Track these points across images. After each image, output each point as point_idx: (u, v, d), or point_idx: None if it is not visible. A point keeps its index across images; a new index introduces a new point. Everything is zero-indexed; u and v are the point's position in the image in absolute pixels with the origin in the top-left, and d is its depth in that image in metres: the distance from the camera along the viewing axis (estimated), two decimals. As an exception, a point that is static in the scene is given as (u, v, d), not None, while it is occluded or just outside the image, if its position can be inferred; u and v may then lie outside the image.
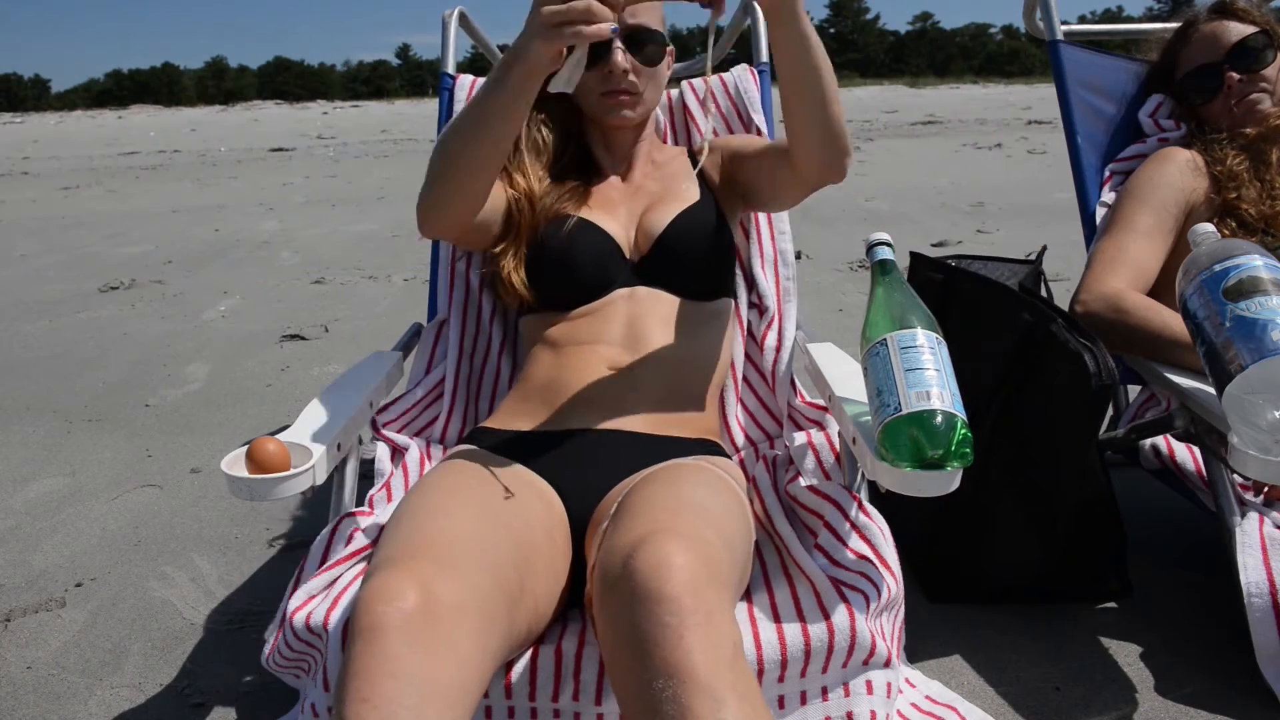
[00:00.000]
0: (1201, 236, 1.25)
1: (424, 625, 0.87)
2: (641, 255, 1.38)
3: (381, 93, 67.68)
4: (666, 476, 1.10)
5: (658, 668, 0.83)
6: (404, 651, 0.85)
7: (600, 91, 1.40)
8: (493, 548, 1.01)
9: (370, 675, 0.83)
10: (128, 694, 1.41)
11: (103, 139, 18.00)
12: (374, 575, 0.91)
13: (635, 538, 0.92)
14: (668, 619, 0.84)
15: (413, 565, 0.91)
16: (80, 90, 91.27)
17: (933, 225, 5.55)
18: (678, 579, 0.87)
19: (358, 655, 0.85)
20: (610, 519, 1.05)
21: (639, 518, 0.98)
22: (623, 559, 0.90)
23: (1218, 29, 1.71)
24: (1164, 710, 1.30)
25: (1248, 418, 1.10)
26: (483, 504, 1.09)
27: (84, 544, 1.93)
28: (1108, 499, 1.47)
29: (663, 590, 0.86)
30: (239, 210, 7.39)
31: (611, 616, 0.89)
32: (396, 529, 1.03)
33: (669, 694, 0.82)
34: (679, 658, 0.83)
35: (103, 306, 4.21)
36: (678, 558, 0.89)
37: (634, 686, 0.85)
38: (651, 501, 1.02)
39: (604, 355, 1.31)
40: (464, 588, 0.92)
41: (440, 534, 0.99)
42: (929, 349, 1.05)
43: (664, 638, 0.84)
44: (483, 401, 1.57)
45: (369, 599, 0.88)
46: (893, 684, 1.12)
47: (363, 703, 0.82)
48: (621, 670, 0.88)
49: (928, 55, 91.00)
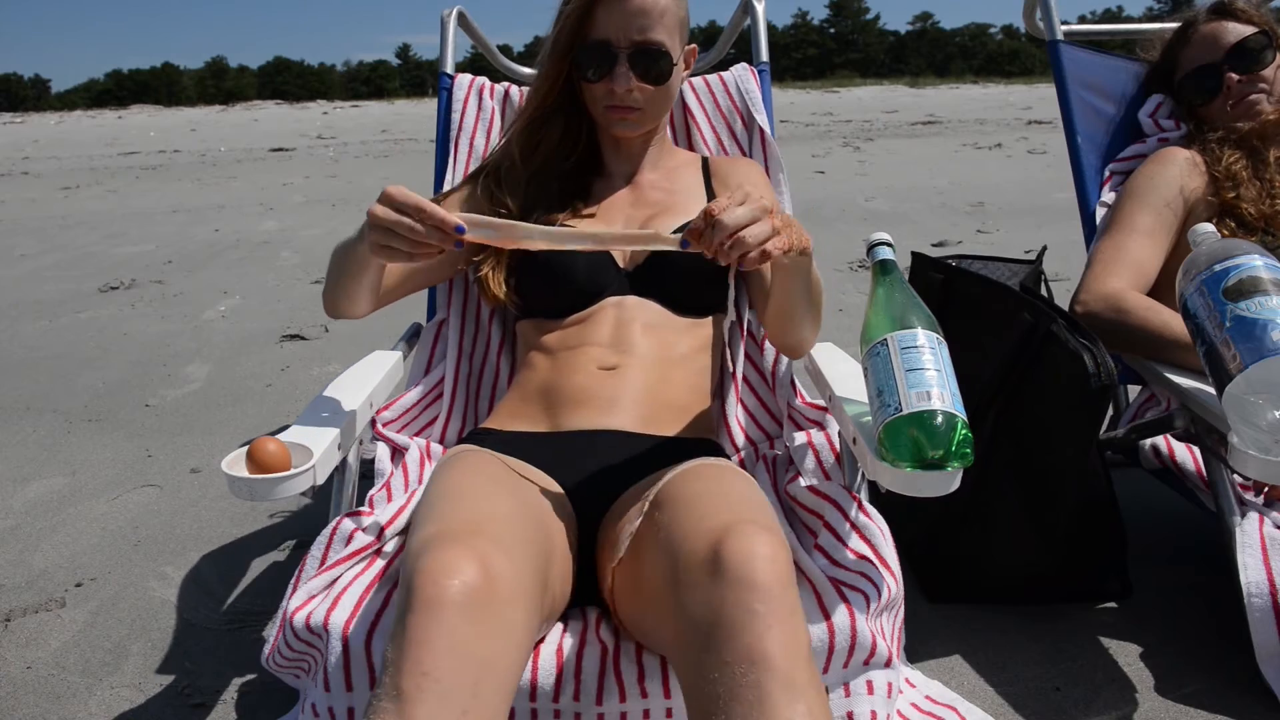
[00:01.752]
0: (1201, 236, 1.25)
1: (485, 603, 0.87)
2: (635, 266, 1.39)
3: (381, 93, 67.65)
4: (710, 474, 1.10)
5: (742, 654, 0.83)
6: (464, 628, 0.85)
7: (604, 105, 1.39)
8: (533, 534, 1.02)
9: (433, 648, 0.83)
10: (128, 694, 1.41)
11: (103, 139, 18.00)
12: (430, 550, 0.90)
13: (721, 525, 0.92)
14: (758, 607, 0.85)
15: (473, 542, 0.91)
16: (80, 90, 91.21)
17: (933, 225, 5.54)
18: (770, 569, 0.88)
19: (418, 626, 0.84)
20: (652, 514, 1.04)
21: (713, 508, 0.98)
22: (710, 545, 0.90)
23: (1217, 29, 1.71)
24: (1164, 710, 1.31)
25: (1248, 418, 1.10)
26: (512, 491, 1.09)
27: (84, 544, 1.93)
28: (1108, 499, 1.47)
29: (755, 579, 0.86)
30: (239, 210, 7.38)
31: (692, 601, 0.89)
32: (439, 506, 1.03)
33: (750, 680, 0.82)
34: (766, 645, 0.83)
35: (103, 306, 4.21)
36: (767, 549, 0.89)
37: (709, 671, 0.84)
38: (717, 495, 1.02)
39: (594, 356, 1.32)
40: (517, 569, 0.92)
41: (491, 514, 1.00)
42: (929, 349, 1.05)
43: (752, 624, 0.84)
44: (482, 401, 1.58)
45: (430, 570, 0.87)
46: (893, 684, 1.12)
47: (423, 676, 0.81)
48: (694, 654, 0.87)
49: (928, 55, 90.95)
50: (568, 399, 1.29)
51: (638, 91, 1.36)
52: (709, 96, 1.78)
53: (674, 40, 1.37)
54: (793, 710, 0.80)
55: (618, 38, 1.33)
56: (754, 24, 1.91)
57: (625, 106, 1.38)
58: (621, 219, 1.44)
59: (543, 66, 1.41)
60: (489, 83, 1.85)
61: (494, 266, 1.41)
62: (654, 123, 1.45)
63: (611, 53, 1.34)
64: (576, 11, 1.33)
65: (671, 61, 1.37)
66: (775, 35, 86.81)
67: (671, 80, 1.39)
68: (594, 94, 1.39)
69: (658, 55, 1.35)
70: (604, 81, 1.36)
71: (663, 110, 1.44)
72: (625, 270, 1.39)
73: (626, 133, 1.43)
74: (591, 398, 1.28)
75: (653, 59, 1.35)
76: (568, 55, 1.37)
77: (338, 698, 1.04)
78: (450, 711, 0.80)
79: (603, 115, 1.41)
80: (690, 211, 1.42)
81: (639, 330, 1.34)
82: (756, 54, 1.89)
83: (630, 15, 1.32)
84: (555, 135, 1.44)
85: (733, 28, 2.09)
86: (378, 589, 1.11)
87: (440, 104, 1.84)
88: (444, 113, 1.83)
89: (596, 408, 1.27)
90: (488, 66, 2.13)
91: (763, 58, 1.88)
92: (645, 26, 1.33)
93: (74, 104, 61.58)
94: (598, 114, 1.42)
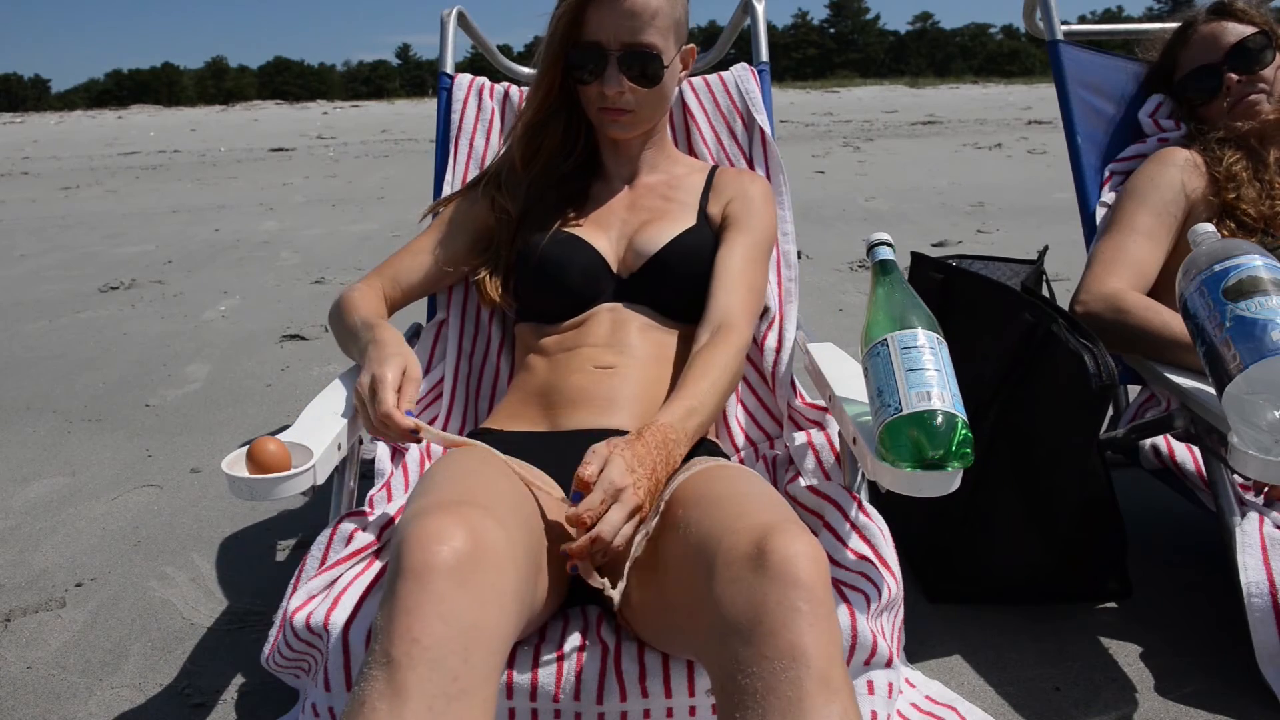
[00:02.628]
0: (1201, 236, 1.25)
1: (474, 569, 0.87)
2: (630, 273, 1.39)
3: (381, 93, 67.64)
4: (730, 475, 1.09)
5: (782, 649, 0.83)
6: (454, 593, 0.85)
7: (598, 107, 1.39)
8: (528, 510, 1.03)
9: (422, 614, 0.83)
10: (128, 694, 1.41)
11: (103, 139, 18.00)
12: (420, 518, 0.90)
13: (764, 523, 0.92)
14: (801, 604, 0.85)
15: (462, 510, 0.91)
16: (80, 90, 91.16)
17: (933, 225, 5.54)
18: (815, 569, 0.88)
19: (407, 593, 0.84)
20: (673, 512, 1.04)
21: (752, 507, 0.97)
22: (755, 541, 0.90)
23: (1217, 30, 1.71)
24: (1164, 710, 1.31)
25: (1248, 418, 1.10)
26: (509, 475, 1.10)
27: (84, 544, 1.93)
28: (1108, 499, 1.47)
29: (799, 577, 0.86)
30: (239, 210, 7.38)
31: (733, 596, 0.88)
32: (433, 482, 1.03)
33: (790, 676, 0.82)
34: (807, 643, 0.83)
35: (103, 306, 4.21)
36: (811, 549, 0.89)
37: (748, 665, 0.84)
38: (743, 495, 1.02)
39: (591, 356, 1.32)
40: (509, 537, 0.92)
41: (483, 488, 1.01)
42: (929, 349, 1.05)
43: (795, 621, 0.84)
44: (482, 401, 1.58)
45: (419, 537, 0.87)
46: (893, 684, 1.12)
47: (413, 642, 0.81)
48: (732, 648, 0.86)
49: (928, 55, 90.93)
50: (566, 399, 1.29)
51: (629, 93, 1.36)
52: (709, 96, 1.78)
53: (667, 42, 1.36)
54: (829, 709, 0.80)
55: (608, 39, 1.33)
56: (754, 24, 1.91)
57: (618, 108, 1.38)
58: (616, 223, 1.44)
59: (539, 69, 1.41)
60: (489, 83, 1.85)
61: (490, 271, 1.44)
62: (648, 124, 1.45)
63: (602, 54, 1.34)
64: (568, 14, 1.34)
65: (663, 64, 1.36)
66: (775, 35, 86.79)
67: (665, 82, 1.39)
68: (588, 96, 1.39)
69: (648, 57, 1.34)
70: (596, 83, 1.36)
71: (657, 112, 1.44)
72: (619, 276, 1.39)
73: (621, 134, 1.43)
74: (590, 397, 1.28)
75: (644, 61, 1.34)
76: (561, 57, 1.37)
77: (338, 697, 1.04)
78: (441, 678, 0.80)
79: (597, 117, 1.42)
80: (681, 222, 1.42)
81: (635, 330, 1.35)
82: (756, 54, 1.89)
83: (621, 17, 1.32)
84: (555, 138, 1.44)
85: (733, 28, 2.09)
86: (378, 589, 1.11)
87: (440, 104, 1.84)
88: (444, 113, 1.83)
89: (595, 407, 1.28)
90: (488, 66, 2.13)
91: (763, 58, 1.88)
92: (636, 29, 1.32)
93: (74, 104, 61.59)
94: (593, 115, 1.42)
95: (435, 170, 1.80)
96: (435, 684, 0.80)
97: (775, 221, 1.50)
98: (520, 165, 1.45)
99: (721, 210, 1.45)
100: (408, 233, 6.00)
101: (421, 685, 0.80)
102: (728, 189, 1.48)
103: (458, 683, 0.81)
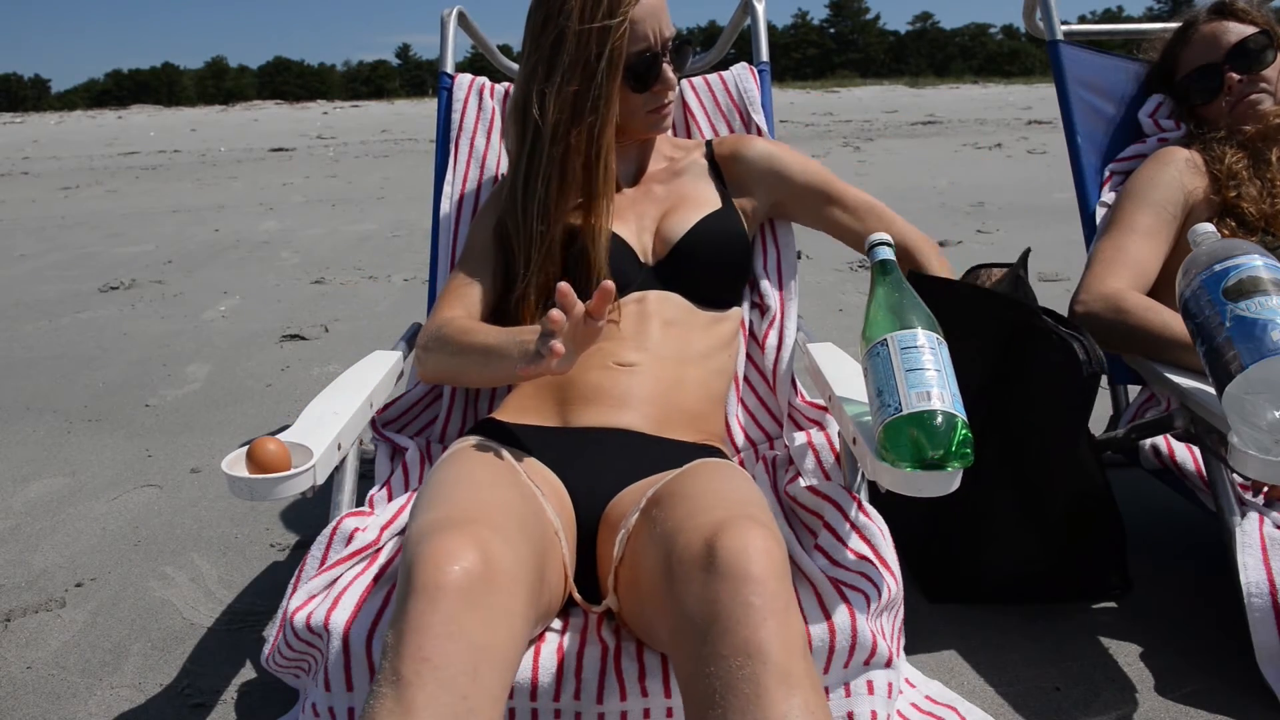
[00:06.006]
0: (1201, 236, 1.25)
1: (484, 590, 0.87)
2: (659, 260, 1.39)
3: (381, 93, 67.59)
4: (708, 472, 1.10)
5: (738, 646, 0.83)
6: (464, 614, 0.85)
7: (648, 109, 1.40)
8: (532, 524, 1.03)
9: (433, 633, 0.83)
10: (128, 694, 1.41)
11: (103, 139, 17.99)
12: (431, 537, 0.90)
13: (716, 520, 0.92)
14: (754, 600, 0.85)
15: (473, 529, 0.91)
16: (80, 90, 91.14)
17: (933, 225, 5.54)
18: (765, 563, 0.88)
19: (418, 612, 0.84)
20: (649, 511, 1.04)
21: (709, 504, 0.98)
22: (705, 539, 0.90)
23: (1217, 29, 1.71)
24: (1164, 710, 1.31)
25: (1248, 418, 1.10)
26: (513, 483, 1.10)
27: (84, 544, 1.93)
28: (1103, 491, 1.47)
29: (750, 571, 0.87)
30: (239, 210, 7.38)
31: (687, 595, 0.89)
32: (440, 493, 1.03)
33: (746, 673, 0.82)
34: (762, 638, 0.83)
35: (103, 306, 4.21)
36: (762, 543, 0.89)
37: (706, 664, 0.85)
38: (712, 493, 1.02)
39: (611, 352, 1.31)
40: (517, 558, 0.93)
41: (491, 502, 1.00)
42: (929, 349, 1.05)
43: (748, 617, 0.84)
44: (482, 401, 1.57)
45: (430, 556, 0.88)
46: (893, 684, 1.12)
47: (423, 661, 0.82)
48: (690, 647, 0.87)
49: (928, 55, 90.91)
50: (580, 395, 1.29)
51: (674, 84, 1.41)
52: (709, 95, 1.78)
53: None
54: (789, 704, 0.80)
55: (655, 39, 1.35)
56: (754, 24, 1.91)
57: (666, 103, 1.41)
58: (633, 215, 1.44)
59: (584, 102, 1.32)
60: (489, 83, 1.85)
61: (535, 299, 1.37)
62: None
63: (655, 56, 1.36)
64: (620, 29, 1.30)
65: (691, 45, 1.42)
66: (775, 35, 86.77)
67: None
68: (635, 104, 1.39)
69: (681, 43, 1.39)
70: (655, 87, 1.37)
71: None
72: (648, 265, 1.39)
73: (661, 131, 1.45)
74: (604, 395, 1.28)
75: (680, 49, 1.40)
76: (618, 73, 1.33)
77: (338, 697, 1.04)
78: (450, 696, 0.81)
79: (643, 120, 1.41)
80: (706, 199, 1.43)
81: (658, 326, 1.35)
82: (756, 54, 1.89)
83: (659, 12, 1.35)
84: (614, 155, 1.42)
85: (733, 27, 2.09)
86: (378, 589, 1.11)
87: (440, 104, 1.84)
88: (444, 113, 1.83)
89: (608, 405, 1.27)
90: (488, 66, 2.13)
91: (763, 57, 1.88)
92: (667, 20, 1.37)
93: (74, 104, 61.58)
94: (637, 123, 1.41)
95: (435, 170, 1.80)
96: (444, 703, 0.80)
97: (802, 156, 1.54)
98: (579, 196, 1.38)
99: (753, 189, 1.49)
100: (407, 233, 6.01)
101: (430, 704, 0.80)
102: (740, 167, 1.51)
103: (466, 701, 0.81)
